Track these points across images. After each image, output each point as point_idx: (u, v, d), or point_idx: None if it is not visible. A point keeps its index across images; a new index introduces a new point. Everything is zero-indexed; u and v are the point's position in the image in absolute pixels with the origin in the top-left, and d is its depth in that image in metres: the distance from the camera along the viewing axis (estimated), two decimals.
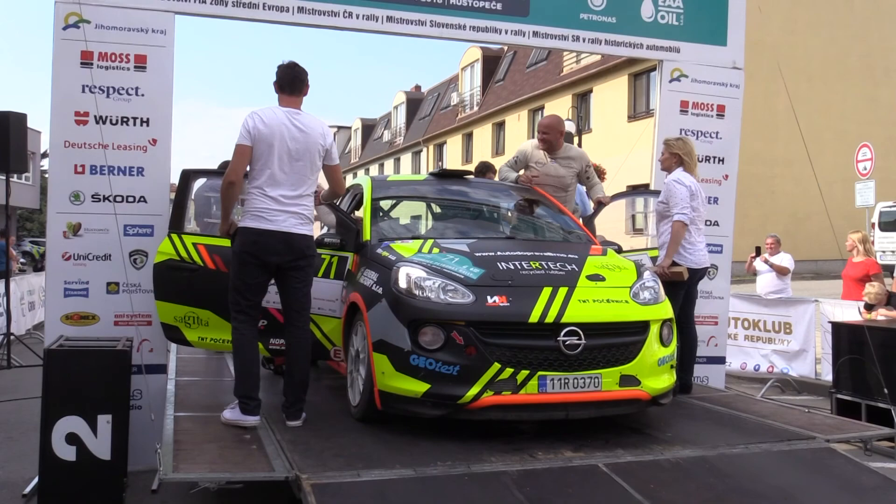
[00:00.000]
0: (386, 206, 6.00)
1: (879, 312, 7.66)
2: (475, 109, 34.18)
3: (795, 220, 21.99)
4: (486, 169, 7.34)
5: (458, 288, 4.23)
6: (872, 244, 10.02)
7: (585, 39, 6.32)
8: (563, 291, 4.27)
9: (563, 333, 4.09)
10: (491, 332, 4.09)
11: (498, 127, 32.32)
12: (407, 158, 42.10)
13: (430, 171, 9.34)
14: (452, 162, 34.92)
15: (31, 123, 9.31)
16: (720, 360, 6.84)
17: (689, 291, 5.59)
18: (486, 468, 3.75)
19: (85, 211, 5.23)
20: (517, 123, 30.37)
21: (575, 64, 26.61)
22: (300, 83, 4.59)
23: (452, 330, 4.08)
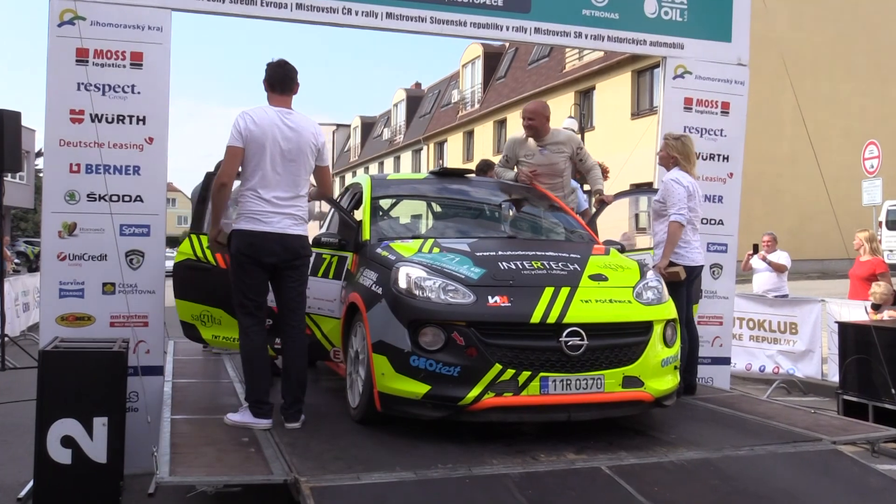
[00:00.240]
0: (386, 205, 5.98)
1: (887, 312, 7.59)
2: (476, 107, 34.11)
3: (801, 218, 21.89)
4: (487, 167, 7.30)
5: (458, 288, 4.19)
6: (880, 243, 9.95)
7: (588, 36, 6.27)
8: (565, 291, 4.23)
9: (565, 334, 4.05)
10: (492, 332, 4.05)
11: (499, 125, 32.21)
12: (407, 157, 42.03)
13: (430, 169, 9.40)
14: (453, 160, 34.74)
15: (25, 122, 9.29)
16: (725, 360, 6.80)
17: (686, 291, 5.55)
18: (487, 471, 3.72)
19: (80, 210, 5.20)
20: (519, 121, 30.19)
21: (577, 61, 26.53)
22: (291, 81, 4.54)
23: (453, 330, 4.04)
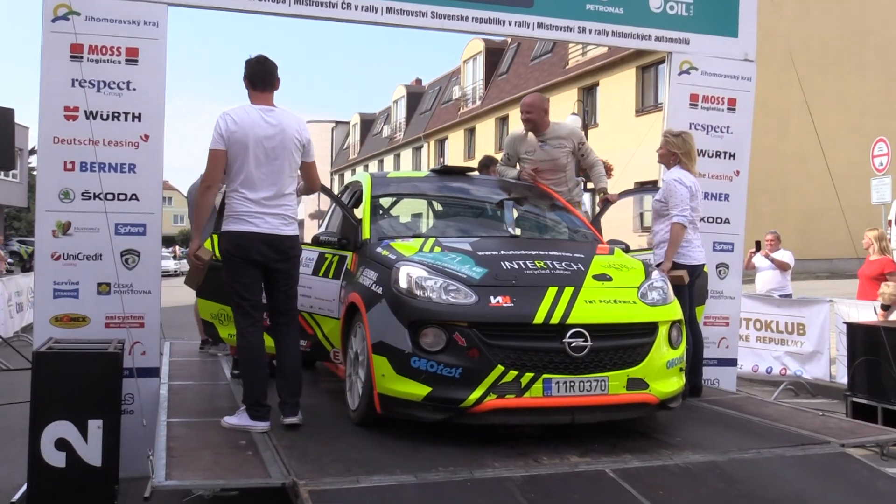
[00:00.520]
0: (386, 203, 5.94)
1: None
2: (478, 104, 34.04)
3: (809, 217, 21.83)
4: (490, 163, 7.25)
5: (460, 288, 4.14)
6: (889, 242, 9.86)
7: (592, 31, 6.20)
8: (568, 291, 4.18)
9: (568, 335, 4.00)
10: (494, 333, 4.01)
11: (501, 122, 32.08)
12: (407, 154, 41.97)
13: (431, 167, 9.38)
14: (454, 158, 34.75)
15: (18, 119, 9.29)
16: (731, 362, 6.74)
17: (689, 291, 5.50)
18: (489, 474, 3.68)
19: (75, 209, 5.16)
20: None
21: (581, 56, 26.43)
22: (272, 77, 4.48)
23: (454, 331, 4.00)
